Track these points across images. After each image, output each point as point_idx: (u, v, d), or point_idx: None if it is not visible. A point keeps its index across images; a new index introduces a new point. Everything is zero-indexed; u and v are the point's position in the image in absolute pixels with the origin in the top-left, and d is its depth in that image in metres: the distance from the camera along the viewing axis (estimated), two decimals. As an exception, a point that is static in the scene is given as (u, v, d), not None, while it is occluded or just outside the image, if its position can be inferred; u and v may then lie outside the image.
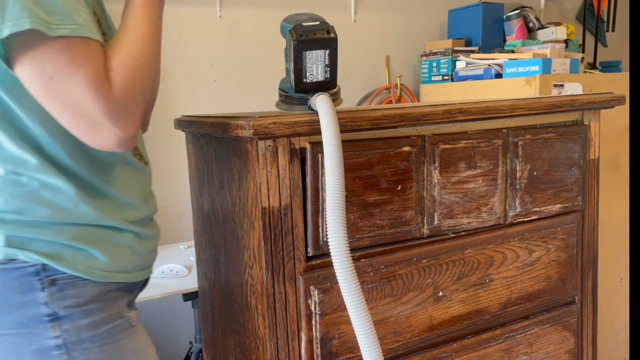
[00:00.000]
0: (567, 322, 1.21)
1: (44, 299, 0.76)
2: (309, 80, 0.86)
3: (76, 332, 0.78)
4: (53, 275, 0.77)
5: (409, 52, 2.53)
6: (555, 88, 1.81)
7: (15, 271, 0.75)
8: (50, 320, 0.76)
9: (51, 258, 0.76)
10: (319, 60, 0.85)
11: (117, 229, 0.84)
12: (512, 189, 1.09)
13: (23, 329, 0.76)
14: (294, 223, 0.87)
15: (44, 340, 0.76)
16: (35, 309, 0.76)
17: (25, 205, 0.75)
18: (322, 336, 0.91)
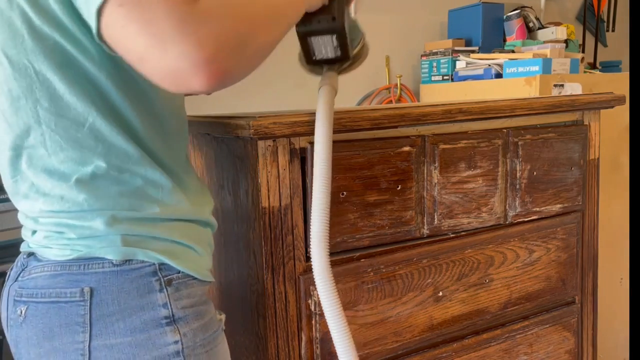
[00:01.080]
0: (567, 322, 1.21)
1: (162, 300, 0.68)
2: (318, 58, 0.85)
3: (193, 335, 0.71)
4: (169, 275, 0.69)
5: (409, 52, 2.52)
6: (555, 88, 1.81)
7: (131, 272, 0.67)
8: (168, 324, 0.68)
9: (169, 256, 0.69)
10: (327, 43, 0.83)
11: (202, 223, 0.78)
12: (512, 189, 1.09)
13: (140, 335, 0.67)
14: (294, 223, 0.87)
15: (163, 346, 0.68)
16: (153, 312, 0.68)
17: (136, 202, 0.68)
18: (322, 336, 0.91)
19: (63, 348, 0.66)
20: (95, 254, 0.67)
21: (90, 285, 0.66)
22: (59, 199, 0.66)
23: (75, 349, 0.65)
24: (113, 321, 0.66)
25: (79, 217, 0.67)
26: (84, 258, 0.67)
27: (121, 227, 0.67)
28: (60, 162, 0.66)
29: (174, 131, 0.74)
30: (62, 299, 0.66)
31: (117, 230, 0.67)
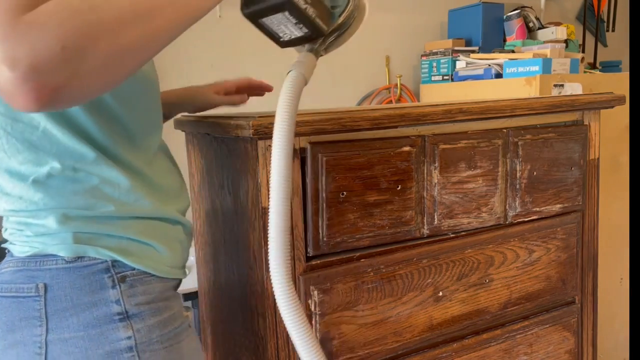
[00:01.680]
0: (567, 322, 1.21)
1: (115, 296, 0.70)
2: (287, 39, 0.72)
3: (147, 331, 0.72)
4: (123, 272, 0.71)
5: (409, 52, 2.52)
6: (555, 88, 1.81)
7: (83, 269, 0.69)
8: (121, 320, 0.70)
9: (121, 253, 0.71)
10: (284, 23, 0.69)
11: (171, 220, 0.79)
12: (512, 189, 1.09)
13: (92, 330, 0.69)
14: (294, 223, 0.87)
15: (115, 341, 0.70)
16: (105, 308, 0.70)
17: (90, 201, 0.70)
18: (322, 336, 0.91)
19: (23, 341, 0.69)
20: (49, 251, 0.69)
21: (44, 282, 0.69)
22: (18, 198, 0.69)
23: (34, 342, 0.68)
24: (67, 316, 0.69)
25: (34, 216, 0.70)
26: (39, 255, 0.70)
27: (73, 225, 0.69)
28: (20, 163, 0.68)
29: (139, 132, 0.75)
30: (21, 294, 0.69)
31: (69, 228, 0.69)
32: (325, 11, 0.71)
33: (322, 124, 0.84)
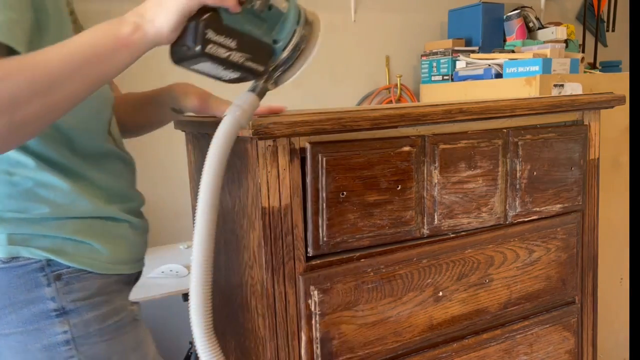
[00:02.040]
0: (567, 322, 1.21)
1: (50, 294, 0.75)
2: (227, 79, 0.72)
3: (84, 325, 0.77)
4: (58, 270, 0.76)
5: (409, 52, 2.52)
6: (555, 88, 1.81)
7: (19, 269, 0.74)
8: (58, 315, 0.75)
9: (55, 253, 0.75)
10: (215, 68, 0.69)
11: (114, 219, 0.83)
12: (512, 189, 1.09)
13: (30, 326, 0.75)
14: (294, 223, 0.87)
15: (51, 336, 0.75)
16: (42, 305, 0.75)
17: (23, 204, 0.75)
18: (322, 336, 0.91)
19: None
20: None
21: None
22: None
23: None
24: (6, 313, 0.74)
25: None
26: None
27: (8, 227, 0.74)
28: None
29: (80, 139, 0.79)
30: None
31: (3, 230, 0.74)
32: (260, 51, 0.69)
33: (322, 124, 0.84)
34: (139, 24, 0.64)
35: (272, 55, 0.71)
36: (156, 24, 0.64)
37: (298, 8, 0.72)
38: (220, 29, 0.63)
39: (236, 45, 0.65)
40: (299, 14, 0.71)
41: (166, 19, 0.63)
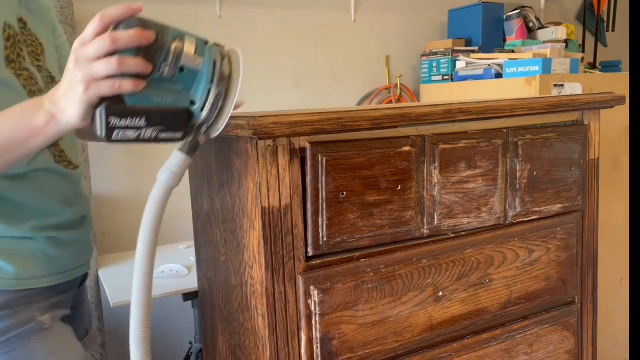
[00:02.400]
0: (567, 322, 1.21)
1: None
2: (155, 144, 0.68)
3: None
4: None
5: (409, 52, 2.52)
6: (555, 88, 1.81)
7: None
8: None
9: None
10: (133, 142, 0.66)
11: (24, 238, 0.87)
12: (512, 189, 1.09)
13: None
14: (294, 223, 0.87)
15: None
16: None
17: None
18: (322, 336, 0.91)
19: None
20: None
21: None
22: None
23: None
24: None
25: None
26: None
27: None
28: None
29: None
30: None
31: None
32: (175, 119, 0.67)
33: (322, 124, 0.84)
34: (52, 114, 0.65)
35: (190, 118, 0.69)
36: (67, 114, 0.63)
37: (213, 62, 0.68)
38: (123, 113, 0.61)
39: (145, 122, 0.63)
40: (213, 70, 0.67)
41: (74, 110, 0.62)
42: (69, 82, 0.61)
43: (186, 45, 0.63)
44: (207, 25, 2.08)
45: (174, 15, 2.01)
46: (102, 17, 0.57)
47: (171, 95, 0.65)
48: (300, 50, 2.26)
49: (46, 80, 0.92)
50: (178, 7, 2.02)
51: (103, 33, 0.57)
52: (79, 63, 0.58)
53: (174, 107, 0.66)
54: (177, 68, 0.64)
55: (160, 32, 0.61)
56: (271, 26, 2.19)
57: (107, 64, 0.57)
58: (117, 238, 1.99)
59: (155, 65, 0.62)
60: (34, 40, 0.92)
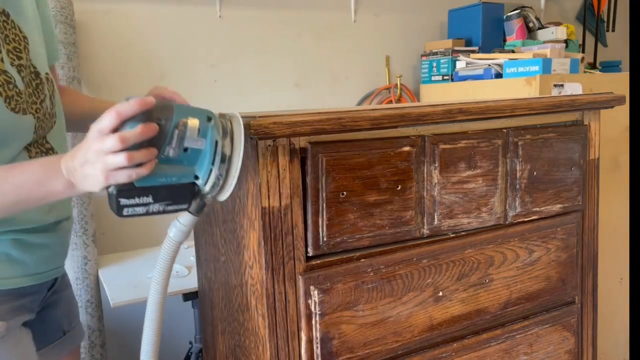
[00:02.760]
0: (567, 322, 1.21)
1: None
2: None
3: None
4: None
5: (409, 52, 2.52)
6: (555, 88, 1.81)
7: None
8: None
9: None
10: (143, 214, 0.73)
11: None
12: (512, 189, 1.09)
13: None
14: (294, 223, 0.87)
15: None
16: None
17: None
18: (322, 336, 0.91)
19: None
20: None
21: None
22: None
23: None
24: None
25: None
26: None
27: None
28: None
29: None
30: None
31: None
32: (180, 193, 0.73)
33: (322, 124, 0.84)
34: (71, 182, 0.73)
35: (195, 191, 0.75)
36: (85, 187, 0.72)
37: (215, 142, 0.72)
38: (132, 194, 0.69)
39: (152, 199, 0.71)
40: (214, 152, 0.72)
41: (93, 188, 0.71)
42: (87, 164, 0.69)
43: (189, 128, 0.69)
44: (207, 25, 2.08)
45: (174, 15, 2.01)
46: (118, 114, 0.65)
47: (176, 173, 0.72)
48: (300, 50, 2.26)
49: (29, 78, 0.89)
50: (178, 7, 2.02)
51: (118, 126, 0.66)
52: (97, 154, 0.67)
53: (179, 182, 0.72)
54: (182, 149, 0.70)
55: (164, 118, 0.68)
56: (271, 26, 2.19)
57: (120, 159, 0.66)
58: (117, 238, 1.99)
59: (160, 148, 0.69)
60: (17, 34, 0.88)
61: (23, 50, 0.89)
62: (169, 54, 2.02)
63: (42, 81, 0.91)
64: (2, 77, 0.83)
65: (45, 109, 0.91)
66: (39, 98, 0.90)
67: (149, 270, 1.71)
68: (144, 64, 1.98)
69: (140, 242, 2.00)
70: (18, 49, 0.88)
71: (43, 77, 0.92)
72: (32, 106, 0.88)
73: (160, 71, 2.02)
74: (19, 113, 0.84)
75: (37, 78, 0.91)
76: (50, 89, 0.94)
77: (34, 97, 0.89)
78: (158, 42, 2.00)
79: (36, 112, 0.88)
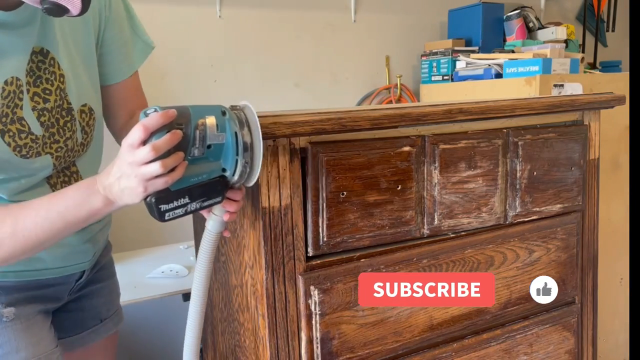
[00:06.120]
0: (567, 322, 1.21)
1: None
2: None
3: None
4: None
5: (409, 52, 2.52)
6: (555, 88, 1.81)
7: None
8: None
9: None
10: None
11: None
12: (512, 189, 1.09)
13: None
14: (294, 223, 0.87)
15: None
16: None
17: None
18: (322, 336, 0.91)
19: None
20: None
21: None
22: None
23: None
24: None
25: None
26: None
27: None
28: None
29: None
30: None
31: None
32: (213, 188, 0.77)
33: (322, 124, 0.84)
34: (109, 199, 0.76)
35: (226, 184, 0.78)
36: (125, 201, 0.75)
37: (234, 133, 0.76)
38: (169, 199, 0.73)
39: (189, 199, 0.75)
40: (236, 142, 0.75)
41: (133, 200, 0.74)
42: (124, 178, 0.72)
43: (208, 126, 0.73)
44: (207, 25, 2.08)
45: (174, 15, 2.01)
46: (146, 128, 0.70)
47: (205, 170, 0.75)
48: (300, 50, 2.26)
49: (54, 119, 0.90)
50: (178, 7, 2.02)
51: (146, 139, 0.70)
52: (131, 165, 0.71)
53: (210, 178, 0.76)
54: (205, 146, 0.74)
55: (184, 122, 0.71)
56: (271, 26, 2.19)
57: (155, 168, 0.69)
58: (116, 238, 1.98)
59: (186, 151, 0.72)
60: (53, 72, 0.89)
61: (54, 91, 0.90)
62: (169, 54, 2.02)
63: (73, 117, 0.94)
64: (15, 125, 0.85)
65: (74, 142, 0.95)
66: (63, 136, 0.92)
67: (148, 270, 1.71)
68: (144, 64, 1.98)
69: (140, 242, 2.00)
70: (48, 90, 0.89)
71: (76, 112, 0.94)
72: (52, 146, 0.91)
73: (160, 71, 2.02)
74: (31, 157, 0.88)
75: (67, 115, 0.93)
76: (85, 120, 0.96)
77: (56, 136, 0.91)
78: (158, 42, 2.00)
79: (56, 152, 0.92)
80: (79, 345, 1.11)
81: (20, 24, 0.83)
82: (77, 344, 1.11)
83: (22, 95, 0.86)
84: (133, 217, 1.86)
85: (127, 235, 1.98)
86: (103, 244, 1.13)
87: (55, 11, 0.75)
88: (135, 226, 1.96)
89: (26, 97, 0.86)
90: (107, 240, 1.17)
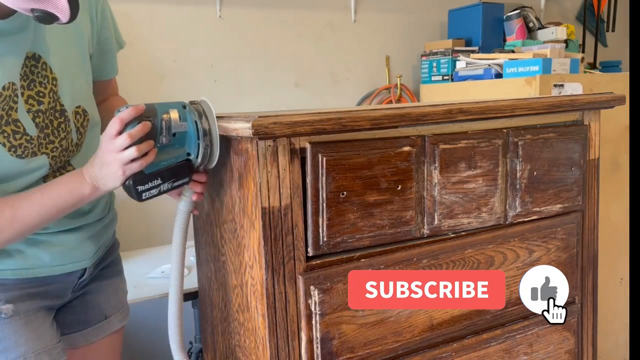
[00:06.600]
0: (567, 322, 1.20)
1: None
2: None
3: None
4: None
5: (409, 52, 2.52)
6: (555, 88, 1.81)
7: None
8: None
9: None
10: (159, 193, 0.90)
11: None
12: (512, 189, 1.09)
13: None
14: (294, 223, 0.87)
15: None
16: None
17: None
18: (322, 336, 0.91)
19: None
20: None
21: None
22: None
23: None
24: None
25: None
26: None
27: None
28: None
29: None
30: None
31: None
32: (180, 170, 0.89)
33: (322, 124, 0.84)
34: (95, 186, 0.87)
35: (192, 166, 0.91)
36: (107, 186, 0.87)
37: (195, 122, 0.88)
38: (144, 181, 0.86)
39: (161, 180, 0.88)
40: (197, 130, 0.88)
41: (114, 184, 0.86)
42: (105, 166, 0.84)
43: (172, 118, 0.86)
44: (207, 25, 2.08)
45: (174, 15, 2.01)
46: (121, 120, 0.81)
47: (173, 155, 0.88)
48: (300, 50, 2.25)
49: (48, 120, 0.94)
50: (178, 7, 2.02)
51: (122, 130, 0.82)
52: (111, 153, 0.82)
53: (177, 162, 0.89)
54: (171, 135, 0.86)
55: (152, 115, 0.84)
56: (271, 26, 2.19)
57: (131, 152, 0.81)
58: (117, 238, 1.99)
59: (156, 139, 0.85)
60: (46, 75, 0.93)
61: (48, 94, 0.94)
62: (169, 54, 2.02)
63: (66, 118, 0.97)
64: (10, 127, 0.88)
65: (69, 142, 0.98)
66: (58, 136, 0.96)
67: (148, 270, 1.70)
68: (144, 64, 1.98)
69: (140, 242, 2.00)
70: (42, 93, 0.93)
71: (70, 114, 0.98)
72: (47, 146, 0.94)
73: (160, 71, 2.02)
74: (26, 157, 0.91)
75: (61, 116, 0.96)
76: (79, 121, 1.00)
77: (51, 137, 0.95)
78: (158, 42, 2.00)
79: (52, 152, 0.95)
80: (83, 342, 1.12)
81: (15, 31, 0.87)
82: (80, 341, 1.11)
83: (16, 99, 0.89)
84: (133, 217, 1.86)
85: (127, 235, 1.98)
86: (107, 241, 1.14)
87: (45, 19, 0.81)
88: (135, 226, 1.96)
89: (21, 100, 0.90)
90: (114, 237, 1.18)
